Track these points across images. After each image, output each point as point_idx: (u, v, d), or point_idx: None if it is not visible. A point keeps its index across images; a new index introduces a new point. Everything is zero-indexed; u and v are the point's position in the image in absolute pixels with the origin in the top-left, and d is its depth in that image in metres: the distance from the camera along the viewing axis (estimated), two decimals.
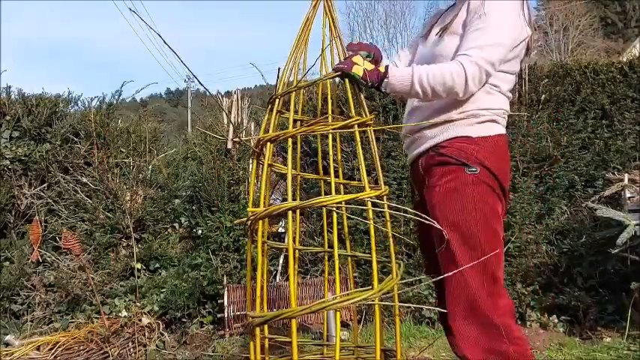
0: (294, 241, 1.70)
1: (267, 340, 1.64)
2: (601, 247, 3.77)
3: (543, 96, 4.61)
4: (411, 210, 1.58)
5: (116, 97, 4.93)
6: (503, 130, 1.72)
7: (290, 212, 1.35)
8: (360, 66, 1.60)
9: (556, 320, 3.79)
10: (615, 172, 4.14)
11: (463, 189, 1.60)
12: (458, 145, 1.64)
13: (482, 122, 1.66)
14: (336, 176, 1.78)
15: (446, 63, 1.63)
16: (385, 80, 1.62)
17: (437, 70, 1.60)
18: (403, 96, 1.76)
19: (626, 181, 3.88)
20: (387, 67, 1.63)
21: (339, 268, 1.45)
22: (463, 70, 1.57)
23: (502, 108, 1.71)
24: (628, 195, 3.84)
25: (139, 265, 4.29)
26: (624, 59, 5.33)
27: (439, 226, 1.57)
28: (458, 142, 1.64)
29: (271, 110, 1.60)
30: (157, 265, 4.42)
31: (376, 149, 1.61)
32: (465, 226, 1.58)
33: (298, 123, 1.74)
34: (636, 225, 3.39)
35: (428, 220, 1.56)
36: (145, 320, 3.83)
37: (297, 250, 1.82)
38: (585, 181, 4.37)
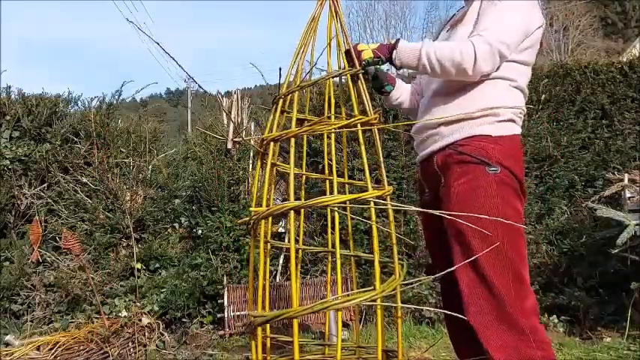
0: (296, 241, 1.70)
1: (268, 339, 1.64)
2: (601, 247, 3.77)
3: (543, 96, 4.61)
4: (416, 208, 1.57)
5: (116, 97, 4.93)
6: (520, 130, 1.70)
7: (292, 212, 1.35)
8: (367, 49, 1.62)
9: (556, 320, 3.79)
10: (615, 172, 4.14)
11: (485, 189, 1.57)
12: (477, 143, 1.60)
13: (502, 121, 1.63)
14: (341, 176, 1.77)
15: (457, 41, 1.62)
16: (395, 51, 1.61)
17: (446, 46, 1.59)
18: (415, 70, 1.73)
19: (626, 181, 3.89)
20: (397, 39, 1.64)
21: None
22: (473, 47, 1.55)
23: (520, 106, 1.69)
24: (628, 195, 3.84)
25: (139, 265, 4.29)
26: (624, 59, 5.33)
27: (452, 219, 1.51)
28: (477, 140, 1.60)
29: (276, 110, 1.60)
30: (157, 265, 4.42)
31: (380, 149, 1.60)
32: (487, 226, 1.52)
33: (305, 122, 1.73)
34: (636, 225, 3.38)
35: (441, 214, 1.51)
36: (145, 320, 3.82)
37: (299, 250, 1.82)
38: (585, 181, 4.37)
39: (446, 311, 1.68)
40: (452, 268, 1.53)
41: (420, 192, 1.88)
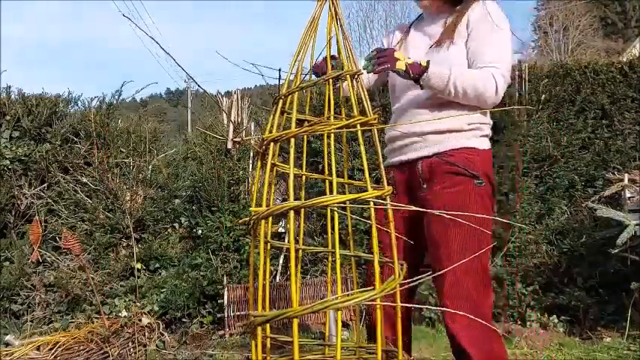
0: (296, 241, 1.70)
1: (268, 339, 1.64)
2: (601, 247, 3.78)
3: (543, 96, 4.61)
4: (416, 208, 1.58)
5: (116, 97, 4.93)
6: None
7: (292, 212, 1.35)
8: (402, 60, 1.67)
9: (556, 320, 3.79)
10: (615, 172, 4.15)
11: (474, 201, 1.70)
12: (465, 155, 1.72)
13: (483, 136, 1.79)
14: (341, 176, 1.77)
15: (479, 70, 1.72)
16: (425, 74, 1.68)
17: (472, 75, 1.70)
18: (436, 93, 1.80)
19: (626, 181, 3.89)
20: (428, 61, 1.70)
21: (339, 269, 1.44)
22: (494, 80, 1.68)
23: (489, 122, 1.85)
24: (628, 195, 3.84)
25: (139, 265, 4.29)
26: (624, 59, 5.34)
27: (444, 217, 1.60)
28: (464, 152, 1.73)
29: (276, 110, 1.60)
30: (157, 265, 4.42)
31: (380, 148, 1.60)
32: (472, 233, 1.67)
33: (305, 123, 1.73)
34: (636, 225, 3.39)
35: (441, 213, 1.57)
36: (145, 320, 3.82)
37: (299, 250, 1.82)
38: (585, 181, 4.38)
39: (442, 309, 1.73)
40: (452, 265, 1.60)
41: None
